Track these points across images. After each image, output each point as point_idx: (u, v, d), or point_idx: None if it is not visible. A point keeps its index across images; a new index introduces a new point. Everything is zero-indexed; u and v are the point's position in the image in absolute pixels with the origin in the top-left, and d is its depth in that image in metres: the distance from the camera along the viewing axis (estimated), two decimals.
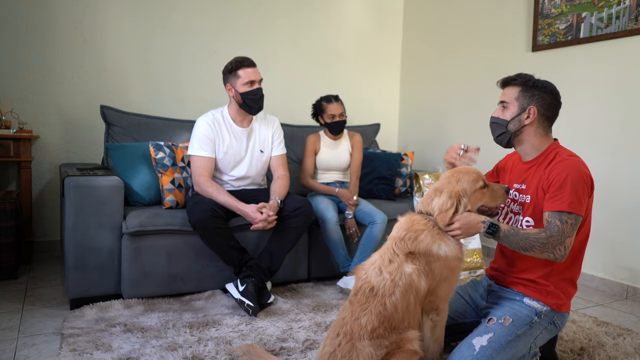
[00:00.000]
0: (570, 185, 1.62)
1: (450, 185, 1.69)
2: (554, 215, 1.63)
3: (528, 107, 1.75)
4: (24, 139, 3.05)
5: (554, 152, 1.76)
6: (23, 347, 1.98)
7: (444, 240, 1.63)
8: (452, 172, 1.74)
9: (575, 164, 1.66)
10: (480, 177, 1.72)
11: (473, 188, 1.70)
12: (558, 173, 1.66)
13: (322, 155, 3.17)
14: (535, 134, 1.77)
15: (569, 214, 1.61)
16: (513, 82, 1.79)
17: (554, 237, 1.59)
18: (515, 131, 1.78)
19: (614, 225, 2.95)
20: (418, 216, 1.69)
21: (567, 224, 1.61)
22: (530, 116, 1.74)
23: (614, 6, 2.92)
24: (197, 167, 2.60)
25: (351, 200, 2.97)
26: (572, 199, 1.61)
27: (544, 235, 1.60)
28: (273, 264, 2.56)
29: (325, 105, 3.12)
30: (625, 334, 2.28)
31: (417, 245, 1.60)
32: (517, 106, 1.77)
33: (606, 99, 3.00)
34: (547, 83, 1.77)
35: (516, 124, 1.77)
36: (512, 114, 1.77)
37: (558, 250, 1.60)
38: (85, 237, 2.39)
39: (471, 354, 1.58)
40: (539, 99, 1.74)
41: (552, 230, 1.60)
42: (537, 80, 1.77)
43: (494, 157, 3.66)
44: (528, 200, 1.77)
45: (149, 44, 3.62)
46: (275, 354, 1.97)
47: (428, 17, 4.41)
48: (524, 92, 1.76)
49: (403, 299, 1.55)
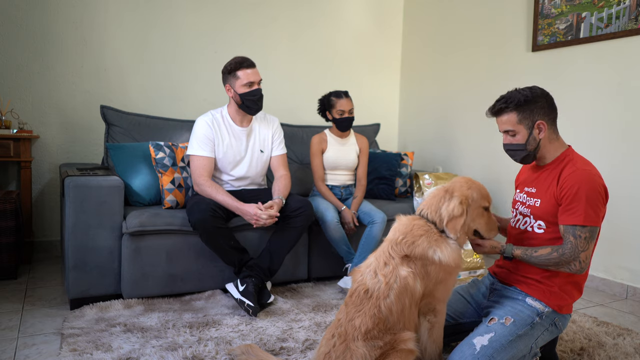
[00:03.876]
0: (584, 197, 1.62)
1: (462, 189, 1.67)
2: (567, 230, 1.66)
3: (535, 123, 1.73)
4: (24, 139, 3.05)
5: (567, 158, 1.75)
6: (23, 347, 1.98)
7: (441, 246, 1.62)
8: (467, 180, 1.73)
9: (589, 175, 1.65)
10: (489, 198, 1.72)
11: (478, 203, 1.69)
12: (571, 185, 1.65)
13: (329, 154, 3.11)
14: (550, 141, 1.77)
15: (582, 227, 1.63)
16: (505, 109, 1.75)
17: (566, 255, 1.64)
18: (535, 149, 1.77)
19: (614, 226, 2.94)
20: (419, 221, 1.68)
21: (580, 239, 1.63)
22: (542, 129, 1.74)
23: (614, 6, 2.92)
24: (196, 167, 2.60)
25: (349, 225, 2.92)
26: (587, 212, 1.62)
27: (555, 255, 1.66)
28: (273, 264, 2.56)
29: (335, 100, 3.07)
30: (625, 334, 2.28)
31: (414, 250, 1.61)
32: (524, 129, 1.74)
33: (606, 99, 3.00)
34: (534, 90, 1.74)
35: (532, 143, 1.76)
36: (524, 137, 1.75)
37: (573, 265, 1.65)
38: (85, 237, 2.39)
39: (472, 353, 1.58)
40: (539, 110, 1.73)
41: (564, 248, 1.65)
42: (523, 94, 1.73)
43: (497, 159, 3.67)
44: (538, 204, 1.77)
45: (148, 44, 3.62)
46: (275, 354, 1.97)
47: (428, 17, 4.41)
48: (523, 113, 1.73)
49: (398, 301, 1.55)
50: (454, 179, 1.77)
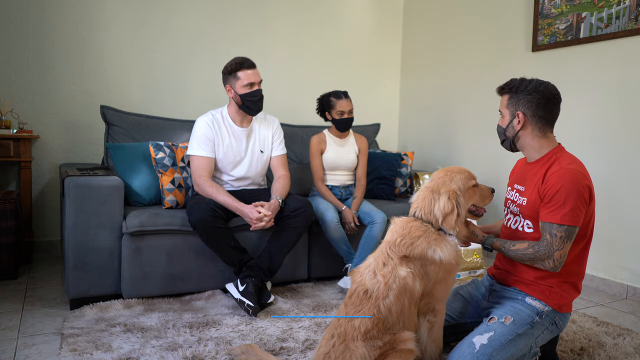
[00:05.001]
0: (564, 196, 1.62)
1: (445, 185, 1.68)
2: (545, 227, 1.67)
3: (516, 112, 1.76)
4: (24, 139, 3.05)
5: (555, 156, 1.75)
6: (23, 347, 1.98)
7: (440, 245, 1.62)
8: (445, 171, 1.73)
9: (573, 174, 1.64)
10: (472, 176, 1.74)
11: (466, 186, 1.70)
12: (554, 183, 1.65)
13: (328, 154, 3.11)
14: (532, 136, 1.78)
15: (559, 226, 1.63)
16: (502, 90, 1.82)
17: (540, 253, 1.66)
18: (513, 137, 1.81)
19: (614, 226, 2.95)
20: (415, 222, 1.67)
21: (556, 238, 1.63)
22: (520, 121, 1.76)
23: (614, 6, 2.92)
24: (196, 167, 2.60)
25: (350, 225, 2.92)
26: (565, 211, 1.62)
27: (530, 251, 1.68)
28: (273, 264, 2.56)
29: (334, 101, 3.06)
30: (625, 334, 2.28)
31: (412, 250, 1.61)
32: (508, 114, 1.80)
33: (606, 99, 3.00)
34: (536, 83, 1.75)
35: (511, 130, 1.80)
36: (506, 122, 1.81)
37: (547, 263, 1.66)
38: (85, 237, 2.39)
39: (471, 352, 1.59)
40: (525, 102, 1.74)
41: (540, 245, 1.66)
42: (523, 83, 1.76)
43: (497, 159, 3.68)
44: (525, 203, 1.78)
45: (148, 44, 3.62)
46: (275, 354, 1.97)
47: (428, 17, 4.41)
48: (511, 99, 1.78)
49: (397, 301, 1.56)
50: (432, 175, 1.77)
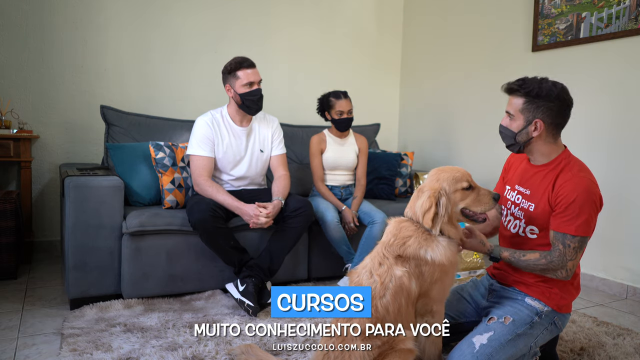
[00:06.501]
0: (579, 207, 1.60)
1: (431, 183, 1.66)
2: (557, 237, 1.65)
3: (534, 120, 1.67)
4: (24, 139, 3.05)
5: (564, 161, 1.71)
6: (23, 347, 1.98)
7: (431, 245, 1.61)
8: (435, 171, 1.69)
9: (586, 184, 1.62)
10: (465, 177, 1.66)
11: (453, 188, 1.64)
12: (568, 192, 1.62)
13: (328, 154, 3.11)
14: (545, 143, 1.72)
15: (573, 237, 1.62)
16: (517, 92, 1.69)
17: (554, 263, 1.64)
18: (524, 143, 1.73)
19: (614, 226, 2.94)
20: (406, 222, 1.66)
21: (569, 248, 1.63)
22: (538, 129, 1.68)
23: (614, 6, 2.92)
24: (196, 166, 2.60)
25: (350, 225, 2.92)
26: (580, 222, 1.61)
27: (544, 262, 1.66)
28: (273, 264, 2.56)
29: (333, 101, 3.06)
30: (625, 334, 2.28)
31: (405, 250, 1.60)
32: (522, 119, 1.69)
33: (606, 99, 3.00)
34: (553, 88, 1.66)
35: (524, 136, 1.71)
36: (518, 127, 1.71)
37: (560, 273, 1.66)
38: (85, 237, 2.39)
39: (471, 352, 1.59)
40: (545, 110, 1.66)
41: (552, 255, 1.64)
42: (542, 88, 1.65)
43: (497, 159, 3.67)
44: (532, 209, 1.74)
45: (148, 44, 3.62)
46: (275, 354, 1.97)
47: (428, 17, 4.41)
48: (529, 104, 1.67)
49: (394, 300, 1.56)
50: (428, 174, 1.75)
